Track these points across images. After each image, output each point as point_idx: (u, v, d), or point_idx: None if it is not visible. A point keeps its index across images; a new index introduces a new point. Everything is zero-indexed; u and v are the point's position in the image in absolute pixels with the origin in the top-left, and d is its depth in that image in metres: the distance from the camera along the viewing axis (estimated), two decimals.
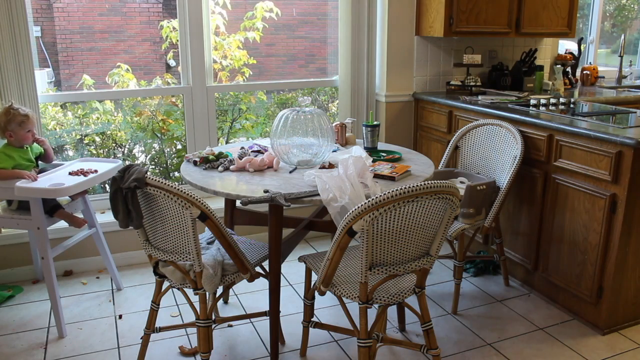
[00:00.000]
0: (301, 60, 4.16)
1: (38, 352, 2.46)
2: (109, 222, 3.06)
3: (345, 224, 1.82)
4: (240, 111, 4.15)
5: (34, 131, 2.66)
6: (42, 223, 2.52)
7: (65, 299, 2.91)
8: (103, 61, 3.61)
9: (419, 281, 2.04)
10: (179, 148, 4.02)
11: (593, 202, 2.51)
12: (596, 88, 4.15)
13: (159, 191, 1.90)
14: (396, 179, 2.21)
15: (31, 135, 2.65)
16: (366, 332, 1.97)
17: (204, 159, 2.43)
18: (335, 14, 3.65)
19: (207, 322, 2.09)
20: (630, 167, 2.32)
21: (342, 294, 2.02)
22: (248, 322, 2.69)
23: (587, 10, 4.68)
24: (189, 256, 2.01)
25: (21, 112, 2.60)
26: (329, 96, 4.37)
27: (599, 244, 2.50)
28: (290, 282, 3.11)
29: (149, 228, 2.07)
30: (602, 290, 2.54)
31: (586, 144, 2.51)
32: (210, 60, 3.44)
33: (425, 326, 2.09)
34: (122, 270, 3.22)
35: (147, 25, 3.73)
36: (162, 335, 2.51)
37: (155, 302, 2.21)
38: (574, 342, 2.52)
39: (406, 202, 1.77)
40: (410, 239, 1.88)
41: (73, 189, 2.49)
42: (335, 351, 2.46)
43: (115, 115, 3.84)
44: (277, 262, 2.25)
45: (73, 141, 3.78)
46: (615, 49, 4.78)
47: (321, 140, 2.36)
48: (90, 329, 2.65)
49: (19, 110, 2.61)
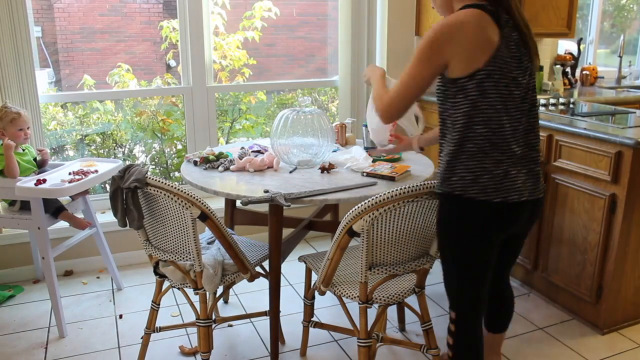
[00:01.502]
0: (301, 60, 4.17)
1: (38, 351, 2.46)
2: (109, 222, 3.06)
3: (345, 224, 1.83)
4: (240, 111, 4.15)
5: (26, 131, 2.66)
6: (43, 223, 2.53)
7: (65, 298, 2.92)
8: (103, 61, 3.62)
9: (418, 281, 2.04)
10: (179, 148, 4.03)
11: (592, 202, 2.51)
12: (596, 88, 4.15)
13: (159, 191, 1.90)
14: (396, 179, 2.22)
15: (23, 134, 2.64)
16: (366, 332, 1.97)
17: (204, 159, 2.44)
18: (335, 14, 3.65)
19: (208, 322, 2.10)
20: (629, 167, 2.33)
21: (342, 293, 2.02)
22: (248, 322, 2.69)
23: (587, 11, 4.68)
24: (189, 256, 2.01)
25: (12, 110, 2.61)
26: (329, 96, 4.38)
27: (599, 244, 2.50)
28: (290, 282, 3.11)
29: (150, 228, 2.08)
30: (602, 290, 2.54)
31: (586, 144, 2.51)
32: (211, 61, 3.44)
33: (425, 326, 2.10)
34: (123, 270, 3.22)
35: (147, 25, 3.73)
36: (163, 335, 2.51)
37: (155, 302, 2.21)
38: (574, 342, 2.52)
39: (406, 202, 1.77)
40: (410, 239, 1.89)
41: (73, 189, 2.49)
42: (335, 351, 2.46)
43: (115, 115, 3.85)
44: (277, 262, 2.25)
45: (73, 141, 3.78)
46: (615, 49, 4.78)
47: (321, 140, 2.37)
48: (90, 328, 2.65)
49: (11, 109, 2.62)
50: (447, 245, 1.78)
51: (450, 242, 1.77)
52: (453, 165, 1.68)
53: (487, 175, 1.64)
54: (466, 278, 1.78)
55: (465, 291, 1.80)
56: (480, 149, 1.63)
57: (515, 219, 1.71)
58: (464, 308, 1.82)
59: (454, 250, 1.76)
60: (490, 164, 1.64)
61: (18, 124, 2.61)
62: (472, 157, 1.64)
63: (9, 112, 2.60)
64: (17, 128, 2.61)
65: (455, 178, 1.67)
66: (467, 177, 1.65)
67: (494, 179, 1.64)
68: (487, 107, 1.61)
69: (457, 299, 1.83)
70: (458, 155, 1.66)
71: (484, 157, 1.64)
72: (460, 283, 1.80)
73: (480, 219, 1.68)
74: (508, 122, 1.63)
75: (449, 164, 1.69)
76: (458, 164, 1.67)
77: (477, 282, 1.78)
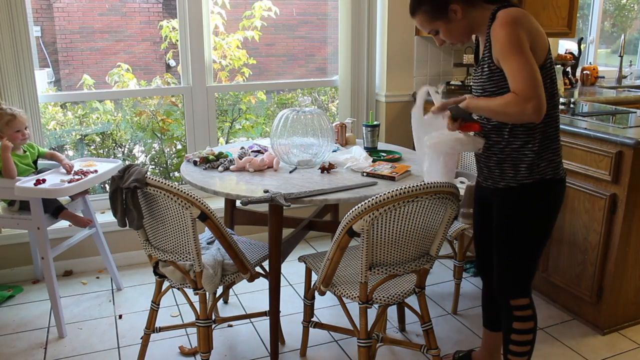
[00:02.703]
0: (301, 60, 4.16)
1: (38, 352, 2.46)
2: (109, 222, 3.06)
3: (345, 224, 1.82)
4: (240, 111, 4.15)
5: (24, 131, 2.62)
6: (42, 223, 2.52)
7: (65, 299, 2.91)
8: (103, 61, 3.61)
9: (419, 281, 2.04)
10: (179, 148, 4.03)
11: (593, 202, 2.51)
12: (596, 88, 4.14)
13: (159, 191, 1.90)
14: (396, 179, 2.21)
15: (20, 135, 2.61)
16: (366, 332, 1.97)
17: (204, 159, 2.43)
18: (335, 14, 3.65)
19: (207, 322, 2.09)
20: (630, 167, 2.32)
21: (342, 294, 2.02)
22: (248, 322, 2.69)
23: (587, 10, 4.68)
24: (189, 256, 2.01)
25: (8, 112, 2.58)
26: (329, 96, 4.37)
27: (599, 244, 2.50)
28: (290, 282, 3.11)
29: (149, 228, 2.07)
30: (602, 290, 2.54)
31: (586, 144, 2.51)
32: (210, 60, 3.44)
33: (425, 326, 2.09)
34: (122, 270, 3.22)
35: (147, 25, 3.73)
36: (162, 335, 2.51)
37: (155, 302, 2.21)
38: (574, 342, 2.52)
39: (406, 202, 1.77)
40: (410, 239, 1.88)
41: (73, 189, 2.48)
42: (335, 351, 2.46)
43: (115, 115, 3.84)
44: (277, 262, 2.25)
45: (73, 141, 3.78)
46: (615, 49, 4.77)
47: (321, 140, 2.36)
48: (90, 329, 2.65)
49: (6, 110, 2.59)
50: (528, 232, 1.84)
51: (533, 227, 1.83)
52: (539, 153, 1.75)
53: (560, 152, 1.81)
54: (538, 257, 1.91)
55: (534, 271, 1.93)
56: (556, 130, 1.78)
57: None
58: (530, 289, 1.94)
59: (538, 232, 1.85)
60: (559, 143, 1.81)
61: (14, 125, 2.58)
62: (556, 139, 1.79)
63: (4, 113, 2.57)
64: (13, 130, 2.57)
65: (543, 164, 1.77)
66: (555, 159, 1.78)
67: (560, 156, 1.82)
68: (555, 92, 1.75)
69: (528, 282, 1.92)
70: (543, 142, 1.75)
71: (558, 138, 1.80)
72: (534, 264, 1.91)
73: (562, 194, 1.85)
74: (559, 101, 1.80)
75: (535, 153, 1.75)
76: (544, 150, 1.76)
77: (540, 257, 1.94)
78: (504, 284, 1.93)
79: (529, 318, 1.92)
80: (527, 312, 1.91)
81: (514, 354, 1.95)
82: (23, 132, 2.62)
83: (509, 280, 1.92)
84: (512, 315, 1.92)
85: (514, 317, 1.92)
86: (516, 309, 1.91)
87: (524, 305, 1.91)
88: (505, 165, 1.80)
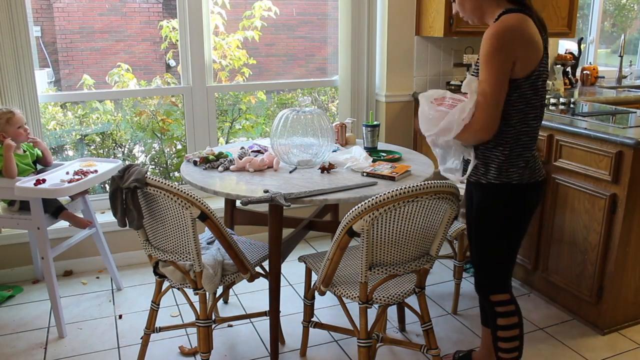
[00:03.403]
0: (301, 60, 4.16)
1: (38, 352, 2.46)
2: (109, 222, 3.06)
3: (345, 224, 1.82)
4: (240, 111, 4.15)
5: (25, 127, 2.64)
6: (42, 223, 2.52)
7: (65, 299, 2.91)
8: (103, 61, 3.61)
9: (419, 281, 2.04)
10: (179, 148, 4.02)
11: (593, 202, 2.51)
12: (596, 88, 4.14)
13: (159, 191, 1.90)
14: (396, 179, 2.21)
15: (24, 131, 2.63)
16: (366, 332, 1.97)
17: (204, 159, 2.43)
18: (335, 14, 3.65)
19: (207, 322, 2.09)
20: (630, 167, 2.32)
21: (342, 294, 2.02)
22: (248, 322, 2.69)
23: (587, 10, 4.68)
24: (189, 256, 2.01)
25: (4, 110, 2.59)
26: (329, 96, 4.37)
27: (599, 244, 2.50)
28: (290, 282, 3.11)
29: (149, 228, 2.07)
30: (602, 290, 2.54)
31: (586, 144, 2.51)
32: (210, 60, 3.44)
33: (425, 326, 2.09)
34: (122, 270, 3.22)
35: (146, 25, 3.73)
36: (162, 335, 2.51)
37: (155, 302, 2.21)
38: (574, 342, 2.52)
39: (406, 202, 1.77)
40: (410, 239, 1.88)
41: (73, 189, 2.48)
42: (335, 351, 2.46)
43: (115, 115, 3.84)
44: (277, 262, 2.25)
45: (73, 141, 3.78)
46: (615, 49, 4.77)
47: (321, 140, 2.36)
48: (90, 329, 2.65)
49: (2, 109, 2.60)
50: (495, 231, 1.90)
51: (500, 227, 1.89)
52: (510, 158, 1.80)
53: (532, 160, 1.85)
54: (510, 255, 1.96)
55: (509, 268, 1.98)
56: (532, 140, 1.83)
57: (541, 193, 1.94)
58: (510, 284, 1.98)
59: (504, 233, 1.90)
60: (533, 151, 1.86)
61: (15, 122, 2.59)
62: (529, 148, 1.83)
63: (2, 113, 2.58)
64: (15, 127, 2.60)
65: (512, 169, 1.82)
66: (526, 167, 1.82)
67: (535, 162, 1.86)
68: (538, 104, 1.79)
69: (504, 278, 1.97)
70: (514, 149, 1.80)
71: (532, 146, 1.84)
72: (507, 262, 1.96)
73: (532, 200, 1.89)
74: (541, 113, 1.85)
75: (505, 157, 1.80)
76: (516, 157, 1.81)
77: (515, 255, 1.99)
78: (480, 280, 2.00)
79: (511, 313, 1.95)
80: (509, 308, 1.95)
81: (503, 351, 1.98)
82: (25, 128, 2.64)
83: (483, 277, 1.98)
84: (495, 312, 1.96)
85: (497, 313, 1.96)
86: (497, 304, 1.96)
87: (504, 301, 1.95)
88: (479, 161, 1.87)
